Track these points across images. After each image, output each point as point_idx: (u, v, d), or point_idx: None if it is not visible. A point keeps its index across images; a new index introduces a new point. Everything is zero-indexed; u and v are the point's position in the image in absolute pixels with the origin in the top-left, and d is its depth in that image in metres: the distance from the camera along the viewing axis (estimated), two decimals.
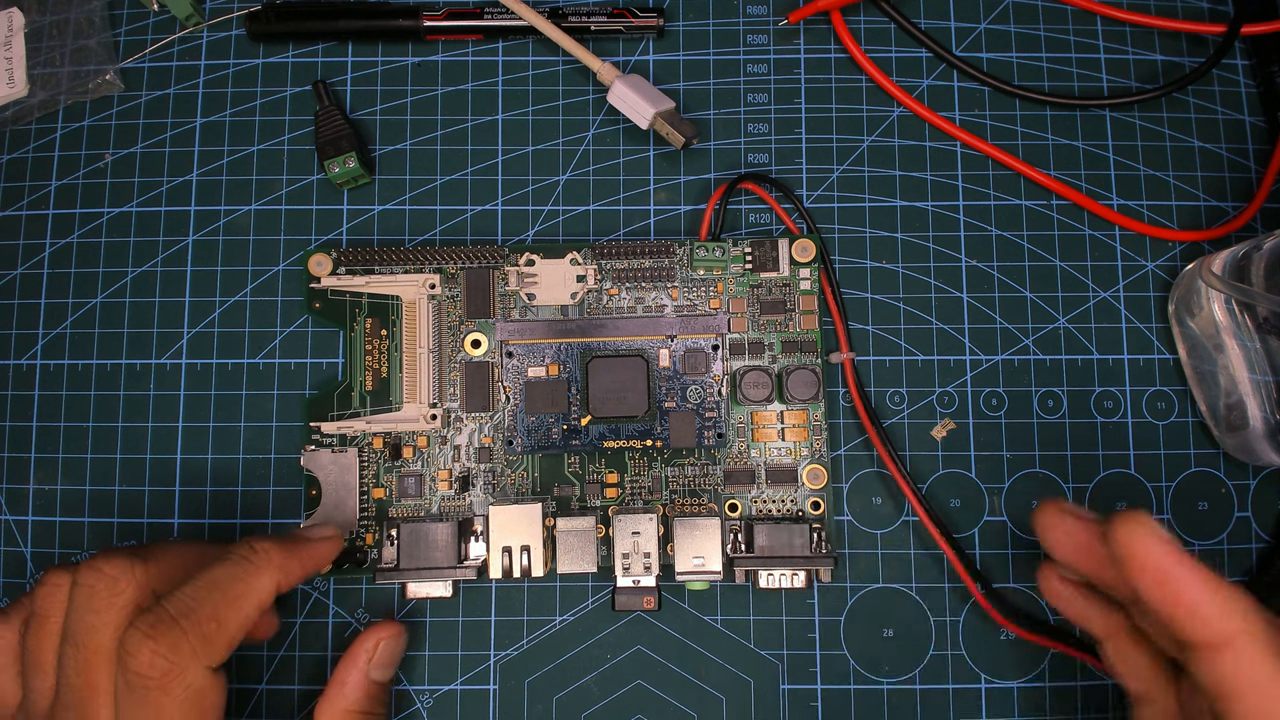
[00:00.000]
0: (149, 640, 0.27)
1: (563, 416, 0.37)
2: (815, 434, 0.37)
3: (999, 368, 0.40)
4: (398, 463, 0.37)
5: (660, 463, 0.37)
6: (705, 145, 0.41)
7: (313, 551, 0.32)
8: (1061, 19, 0.43)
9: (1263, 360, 0.36)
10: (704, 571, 0.35)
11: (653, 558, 0.35)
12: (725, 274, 0.38)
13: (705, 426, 0.37)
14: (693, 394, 0.37)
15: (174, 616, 0.27)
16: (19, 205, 0.41)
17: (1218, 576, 0.25)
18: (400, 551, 0.35)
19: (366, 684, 0.33)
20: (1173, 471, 0.39)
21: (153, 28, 0.42)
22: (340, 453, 0.37)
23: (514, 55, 0.42)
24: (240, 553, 0.30)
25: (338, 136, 0.40)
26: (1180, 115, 0.42)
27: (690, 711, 0.37)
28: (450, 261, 0.38)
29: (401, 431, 0.37)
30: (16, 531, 0.38)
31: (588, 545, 0.35)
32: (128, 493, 0.39)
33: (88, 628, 0.28)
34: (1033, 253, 0.40)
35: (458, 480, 0.37)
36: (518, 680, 0.37)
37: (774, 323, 0.38)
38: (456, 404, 0.38)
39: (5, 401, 0.39)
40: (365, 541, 0.37)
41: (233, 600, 0.29)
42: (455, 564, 0.35)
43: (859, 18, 0.42)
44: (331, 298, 0.38)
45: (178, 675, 0.27)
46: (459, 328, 0.38)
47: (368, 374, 0.38)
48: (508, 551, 0.35)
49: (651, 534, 0.35)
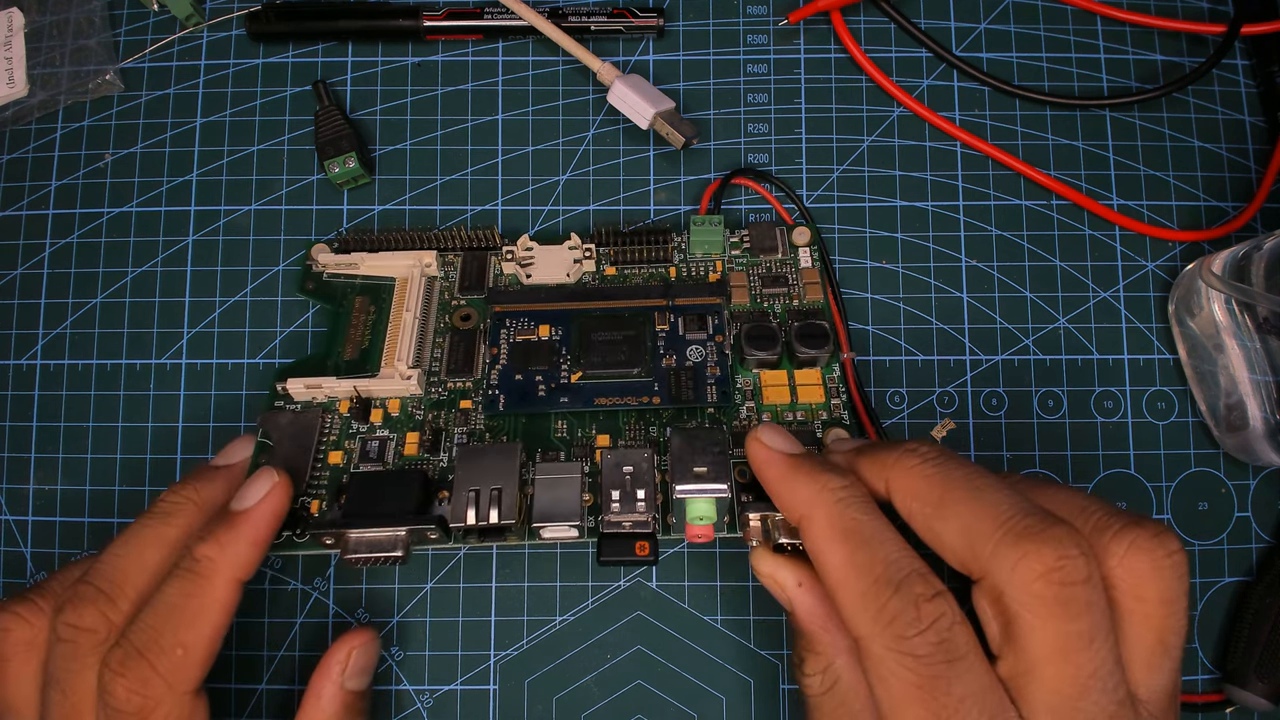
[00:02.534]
0: (120, 678, 0.26)
1: (552, 372, 0.34)
2: (833, 395, 0.34)
3: (999, 368, 0.40)
4: (364, 428, 0.33)
5: (659, 426, 0.33)
6: (705, 145, 0.41)
7: (255, 521, 0.29)
8: (1061, 19, 0.43)
9: (1263, 360, 0.36)
10: (709, 488, 0.29)
11: (649, 497, 0.29)
12: (724, 253, 0.38)
13: (709, 383, 0.34)
14: (694, 353, 0.35)
15: (139, 650, 0.27)
16: (19, 205, 0.41)
17: (809, 460, 0.27)
18: (347, 505, 0.30)
19: (342, 694, 0.32)
20: (1173, 471, 0.39)
21: (153, 28, 0.43)
22: (301, 414, 0.33)
23: (514, 55, 0.42)
24: (184, 566, 0.28)
25: (338, 136, 0.40)
26: (1180, 115, 0.42)
27: (690, 711, 0.37)
28: (449, 247, 0.38)
29: (374, 394, 0.34)
30: (16, 531, 0.38)
31: (571, 494, 0.30)
32: (128, 493, 0.39)
33: (72, 674, 0.28)
34: (1033, 253, 0.40)
35: (428, 443, 0.33)
36: (518, 680, 0.37)
37: (776, 296, 0.37)
38: (438, 369, 0.35)
39: (5, 401, 0.39)
40: (310, 511, 0.32)
41: (192, 621, 0.27)
42: (411, 515, 0.29)
43: (859, 18, 0.42)
44: (327, 279, 0.38)
45: (154, 708, 0.27)
46: (450, 305, 0.37)
47: (348, 346, 0.36)
48: (475, 495, 0.29)
49: (647, 471, 0.30)
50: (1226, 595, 0.38)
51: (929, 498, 0.25)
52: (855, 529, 0.25)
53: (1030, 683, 0.23)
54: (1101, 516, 0.25)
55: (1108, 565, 0.24)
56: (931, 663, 0.23)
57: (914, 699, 0.23)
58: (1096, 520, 0.25)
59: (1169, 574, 0.24)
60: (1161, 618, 0.24)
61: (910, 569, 0.24)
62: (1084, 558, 0.23)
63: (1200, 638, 0.38)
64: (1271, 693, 0.36)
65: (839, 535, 0.25)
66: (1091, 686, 0.22)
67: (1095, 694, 0.22)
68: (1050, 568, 0.22)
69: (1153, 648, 0.24)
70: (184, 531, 0.30)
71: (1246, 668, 0.36)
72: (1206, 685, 0.38)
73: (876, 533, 0.25)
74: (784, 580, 0.29)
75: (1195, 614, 0.38)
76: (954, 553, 0.25)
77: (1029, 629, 0.23)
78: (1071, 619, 0.22)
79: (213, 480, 0.31)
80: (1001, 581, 0.23)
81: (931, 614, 0.23)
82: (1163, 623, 0.24)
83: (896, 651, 0.23)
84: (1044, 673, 0.23)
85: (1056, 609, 0.22)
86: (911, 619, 0.23)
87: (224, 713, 0.36)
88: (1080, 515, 0.25)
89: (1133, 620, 0.24)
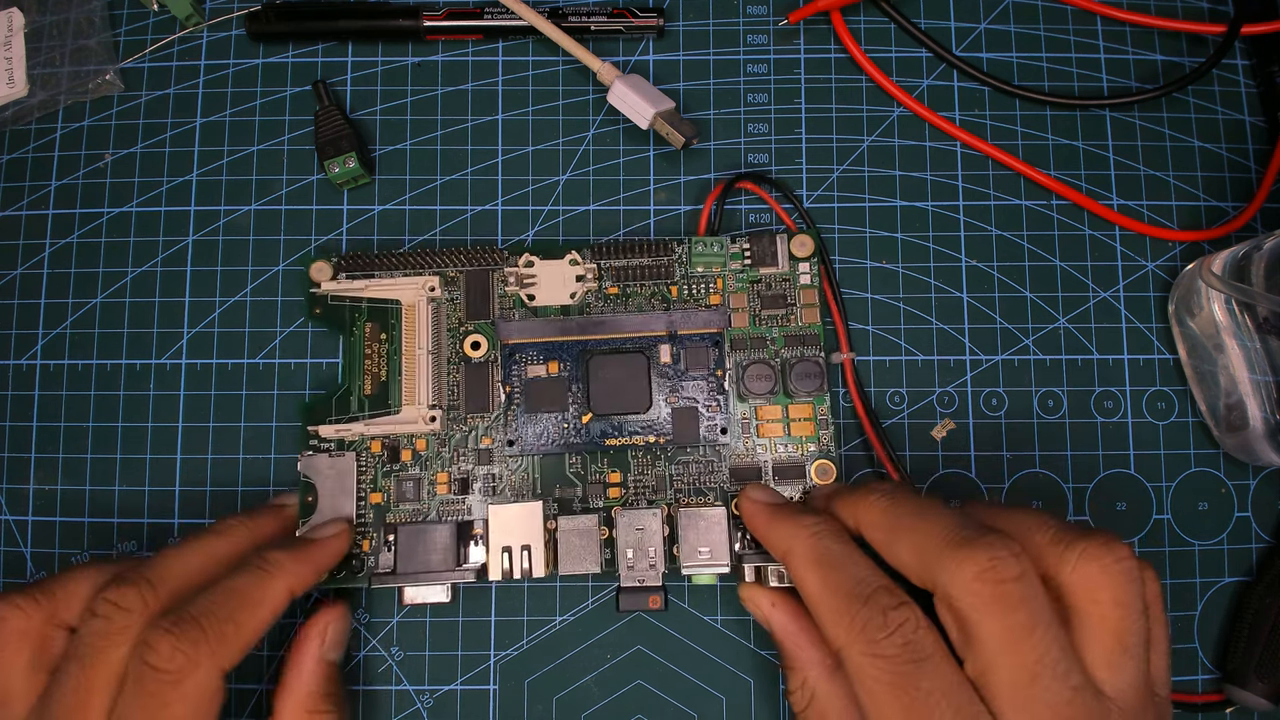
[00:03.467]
0: (170, 635, 0.27)
1: (563, 415, 0.37)
2: (822, 428, 0.37)
3: (999, 368, 0.40)
4: (396, 466, 0.37)
5: (664, 461, 0.37)
6: (705, 145, 0.41)
7: (322, 551, 0.34)
8: (1061, 19, 0.43)
9: (1263, 360, 0.36)
10: (711, 564, 0.34)
11: (658, 555, 0.34)
12: (725, 270, 0.38)
13: (709, 421, 0.37)
14: (695, 389, 0.37)
15: (194, 616, 0.28)
16: (19, 205, 0.41)
17: (788, 507, 0.33)
18: (397, 556, 0.35)
19: (322, 666, 0.34)
20: (1173, 471, 0.39)
21: (153, 28, 0.43)
22: (338, 457, 0.37)
23: (514, 55, 0.42)
24: (253, 563, 0.31)
25: (338, 136, 0.40)
26: (1180, 115, 0.42)
27: (690, 711, 0.37)
28: (450, 265, 0.38)
29: (400, 434, 0.37)
30: (16, 531, 0.38)
31: (590, 545, 0.35)
32: (128, 493, 0.39)
33: (98, 650, 0.28)
34: (1033, 253, 0.40)
35: (456, 483, 0.37)
36: (518, 680, 0.37)
37: (775, 318, 0.38)
38: (457, 406, 0.37)
39: (5, 401, 0.39)
40: (362, 548, 0.36)
41: (249, 606, 0.30)
42: (453, 567, 0.35)
43: (859, 18, 0.42)
44: (332, 303, 0.38)
45: (191, 672, 0.27)
46: (458, 329, 0.38)
47: (366, 378, 0.37)
48: (508, 552, 0.34)
49: (656, 531, 0.34)
50: (1226, 595, 0.38)
51: (886, 525, 0.29)
52: (828, 556, 0.29)
53: (990, 678, 0.25)
54: (1055, 531, 0.27)
55: (1062, 574, 0.27)
56: (900, 662, 0.26)
57: (888, 696, 0.26)
58: (1051, 534, 0.27)
59: (1119, 578, 0.26)
60: (1117, 619, 0.26)
61: (877, 584, 0.27)
62: (1014, 558, 0.26)
63: (1200, 638, 0.38)
64: (1271, 693, 0.36)
65: (814, 562, 0.29)
66: (1040, 673, 0.25)
67: (1046, 679, 0.25)
68: (984, 568, 0.25)
69: (1112, 648, 0.26)
70: (233, 549, 0.32)
71: (1246, 668, 0.36)
72: (1206, 685, 0.38)
73: (846, 557, 0.29)
74: (760, 601, 0.33)
75: (1195, 614, 0.38)
76: (911, 569, 0.28)
77: (977, 626, 0.25)
78: (1009, 612, 0.25)
79: (266, 516, 0.35)
80: (947, 585, 0.26)
81: (897, 620, 0.26)
82: (1119, 624, 0.26)
83: (870, 655, 0.26)
84: (998, 665, 0.25)
85: (995, 604, 0.25)
86: (880, 625, 0.26)
87: (224, 712, 0.36)
88: (1037, 530, 0.28)
89: (1090, 623, 0.26)
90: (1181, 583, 0.38)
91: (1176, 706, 0.37)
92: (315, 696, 0.33)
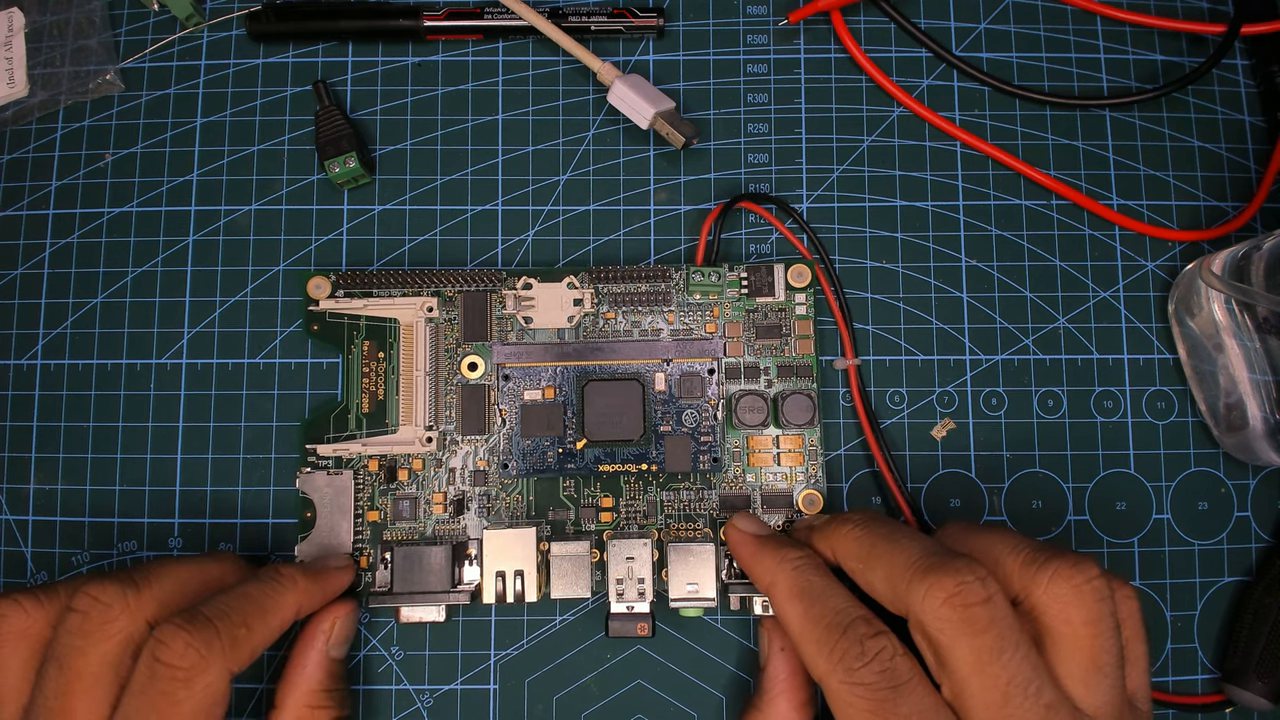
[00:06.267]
0: (184, 631, 0.27)
1: (558, 440, 0.37)
2: (811, 459, 0.37)
3: (999, 368, 0.40)
4: (392, 486, 0.37)
5: (656, 487, 0.37)
6: (705, 145, 0.41)
7: (330, 580, 0.34)
8: (1061, 19, 0.43)
9: (1263, 360, 0.36)
10: (698, 599, 0.35)
11: (647, 584, 0.35)
12: (721, 299, 0.38)
13: (701, 451, 0.37)
14: (688, 418, 0.37)
15: (209, 617, 0.28)
16: (19, 205, 0.41)
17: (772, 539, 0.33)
18: (394, 575, 0.35)
19: (326, 662, 0.34)
20: (1173, 471, 0.39)
21: (153, 28, 0.43)
22: (335, 475, 0.37)
23: (514, 55, 0.42)
24: (268, 574, 0.32)
25: (338, 136, 0.40)
26: (1180, 115, 0.42)
27: (690, 711, 0.37)
28: (448, 285, 0.38)
29: (397, 454, 0.37)
30: (17, 531, 0.38)
31: (582, 570, 0.35)
32: (128, 493, 0.39)
33: (75, 650, 0.28)
34: (1033, 253, 0.40)
35: (452, 504, 0.37)
36: (518, 680, 0.37)
37: (770, 347, 0.38)
38: (452, 427, 0.37)
39: (5, 401, 0.39)
40: (359, 565, 0.37)
41: (262, 612, 0.30)
42: (449, 588, 0.35)
43: (859, 18, 0.42)
44: (330, 320, 0.38)
45: (203, 671, 0.27)
46: (456, 350, 0.38)
47: (364, 396, 0.38)
48: (501, 576, 0.35)
49: (646, 560, 0.35)
50: (1226, 595, 0.38)
51: (860, 555, 0.30)
52: (808, 589, 0.30)
53: (965, 701, 0.26)
54: (1029, 552, 0.28)
55: (1034, 595, 0.27)
56: (878, 689, 0.26)
57: None
58: (1024, 556, 0.28)
59: (1089, 597, 0.27)
60: (1089, 638, 0.27)
61: (855, 615, 0.28)
62: (980, 582, 0.26)
63: (1200, 638, 0.38)
64: (1271, 693, 0.36)
65: (796, 595, 0.30)
66: (1012, 693, 0.25)
67: (1019, 699, 0.25)
68: (951, 593, 0.26)
69: (1086, 666, 0.27)
70: (219, 576, 0.33)
71: (1246, 668, 0.36)
72: (1206, 685, 0.38)
73: (826, 589, 0.30)
74: (773, 641, 0.34)
75: (1195, 614, 0.38)
76: (884, 597, 0.29)
77: (948, 650, 0.26)
78: (978, 634, 0.26)
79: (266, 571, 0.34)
80: (919, 611, 0.27)
81: (874, 648, 0.27)
82: (1091, 643, 0.27)
83: (849, 683, 0.27)
84: (971, 687, 0.26)
85: (963, 628, 0.26)
86: (857, 654, 0.27)
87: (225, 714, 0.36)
88: (1009, 552, 0.28)
89: (1063, 642, 0.27)
90: (1181, 582, 0.38)
91: (1177, 707, 0.37)
92: (318, 692, 0.33)
